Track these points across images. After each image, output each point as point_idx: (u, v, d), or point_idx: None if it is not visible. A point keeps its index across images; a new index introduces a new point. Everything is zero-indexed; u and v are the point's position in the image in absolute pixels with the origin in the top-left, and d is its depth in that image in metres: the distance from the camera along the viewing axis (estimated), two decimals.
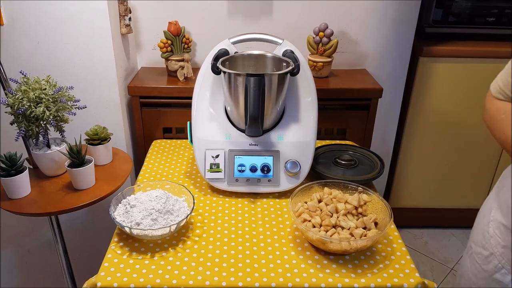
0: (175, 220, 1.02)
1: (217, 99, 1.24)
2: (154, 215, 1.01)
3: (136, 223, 0.99)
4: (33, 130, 1.15)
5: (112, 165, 1.34)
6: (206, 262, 0.96)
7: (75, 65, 1.43)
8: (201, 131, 1.23)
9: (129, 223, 1.00)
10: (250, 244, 1.02)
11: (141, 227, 0.99)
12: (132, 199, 1.07)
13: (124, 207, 1.05)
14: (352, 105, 1.63)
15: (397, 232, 1.08)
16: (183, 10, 1.65)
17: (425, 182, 2.12)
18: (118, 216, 1.03)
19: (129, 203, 1.05)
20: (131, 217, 1.02)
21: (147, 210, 1.02)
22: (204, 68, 1.24)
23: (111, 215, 1.01)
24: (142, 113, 1.58)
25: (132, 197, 1.08)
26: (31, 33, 1.37)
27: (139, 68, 1.76)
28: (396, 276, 0.93)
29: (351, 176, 1.25)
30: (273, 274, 0.92)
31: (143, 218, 1.00)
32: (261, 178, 1.19)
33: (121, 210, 1.05)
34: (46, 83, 1.17)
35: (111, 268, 0.94)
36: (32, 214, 1.13)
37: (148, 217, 1.01)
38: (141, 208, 1.03)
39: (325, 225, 0.99)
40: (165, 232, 1.00)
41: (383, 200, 1.05)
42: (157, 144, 1.52)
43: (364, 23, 1.72)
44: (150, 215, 1.01)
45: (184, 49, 1.64)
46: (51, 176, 1.26)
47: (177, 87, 1.56)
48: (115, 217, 1.01)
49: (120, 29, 1.50)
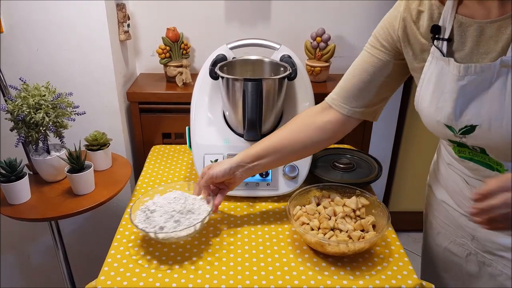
0: (197, 218, 1.00)
1: (216, 104, 1.25)
2: (176, 216, 0.99)
3: (160, 227, 0.97)
4: (32, 136, 1.16)
5: (111, 171, 1.35)
6: (205, 265, 0.96)
7: (74, 72, 1.44)
8: (199, 136, 1.23)
9: (152, 229, 0.97)
10: (249, 247, 1.02)
11: (165, 230, 0.96)
12: (151, 204, 1.04)
13: (144, 213, 1.02)
14: None
15: (395, 234, 1.08)
16: (181, 17, 1.67)
17: (424, 186, 2.13)
18: (140, 223, 0.99)
19: (148, 209, 1.02)
20: (153, 222, 0.99)
21: (168, 213, 1.00)
22: (202, 73, 1.25)
23: (133, 223, 0.98)
24: (141, 119, 1.59)
25: (151, 203, 1.05)
26: (30, 40, 1.38)
27: (138, 74, 1.77)
28: (394, 278, 0.93)
29: (349, 179, 1.26)
30: (272, 277, 0.93)
31: (166, 222, 0.98)
32: (260, 182, 1.20)
33: (142, 217, 1.01)
34: (45, 89, 1.18)
35: (111, 272, 0.94)
36: (32, 220, 1.14)
37: (171, 219, 0.98)
38: (162, 212, 1.01)
39: (323, 228, 1.00)
40: (190, 232, 0.98)
41: (380, 203, 1.06)
42: (156, 150, 1.52)
43: (361, 27, 1.74)
44: (172, 217, 0.99)
45: (182, 55, 1.65)
46: (51, 182, 1.27)
47: (175, 92, 1.57)
48: (137, 224, 0.98)
49: (118, 35, 1.51)
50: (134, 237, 1.05)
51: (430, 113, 0.84)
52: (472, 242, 0.96)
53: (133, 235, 1.06)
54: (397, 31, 0.87)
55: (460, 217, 0.97)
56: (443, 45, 0.79)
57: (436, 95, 0.82)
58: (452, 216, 1.00)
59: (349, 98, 0.97)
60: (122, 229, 1.08)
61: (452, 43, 0.79)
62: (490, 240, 0.91)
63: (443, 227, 1.05)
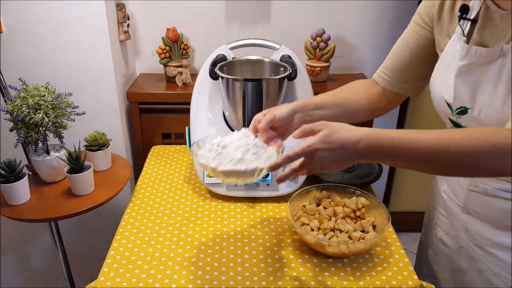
0: (272, 151, 0.89)
1: (216, 104, 1.25)
2: (253, 149, 0.86)
3: (239, 159, 0.84)
4: (32, 137, 1.16)
5: (111, 171, 1.34)
6: (205, 266, 0.96)
7: (74, 72, 1.44)
8: (199, 136, 1.22)
9: (229, 163, 0.84)
10: (249, 248, 1.02)
11: (246, 162, 0.84)
12: (219, 141, 0.89)
13: (214, 151, 0.87)
14: None
15: (395, 235, 1.08)
16: (181, 17, 1.66)
17: (425, 186, 2.13)
18: (213, 161, 0.85)
19: (218, 144, 0.88)
20: (228, 157, 0.85)
21: (242, 146, 0.86)
22: (202, 73, 1.25)
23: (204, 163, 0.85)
24: (141, 119, 1.58)
25: (218, 140, 0.90)
26: (30, 40, 1.38)
27: (137, 74, 1.77)
28: (395, 279, 0.93)
29: (349, 179, 1.26)
30: (272, 278, 0.93)
31: (244, 154, 0.85)
32: (260, 183, 1.19)
33: (212, 155, 0.86)
34: (45, 89, 1.18)
35: (111, 273, 0.94)
36: (31, 220, 1.14)
37: (247, 152, 0.86)
38: (236, 146, 0.87)
39: (323, 229, 0.99)
40: (270, 162, 0.84)
41: (380, 203, 1.06)
42: (156, 150, 1.52)
43: (361, 27, 1.73)
44: (248, 150, 0.86)
45: (182, 55, 1.65)
46: (50, 182, 1.26)
47: (175, 92, 1.57)
48: (209, 164, 0.85)
49: (118, 35, 1.51)
50: (133, 238, 1.05)
51: (439, 89, 0.87)
52: (466, 235, 0.97)
53: (132, 235, 1.06)
54: (436, 5, 0.88)
55: (456, 208, 0.98)
56: (467, 25, 0.81)
57: (446, 72, 0.84)
58: (449, 207, 1.01)
59: (392, 74, 0.99)
60: (121, 230, 1.08)
61: (476, 25, 0.80)
62: (480, 235, 0.92)
63: (440, 218, 1.06)
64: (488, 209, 0.89)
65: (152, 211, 1.16)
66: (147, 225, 1.10)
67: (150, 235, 1.06)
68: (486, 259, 0.92)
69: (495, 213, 0.88)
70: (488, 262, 0.92)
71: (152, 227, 1.09)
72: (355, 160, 0.76)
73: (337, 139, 0.73)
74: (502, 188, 0.85)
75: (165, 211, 1.16)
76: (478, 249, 0.94)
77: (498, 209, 0.86)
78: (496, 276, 0.90)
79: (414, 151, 0.72)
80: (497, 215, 0.87)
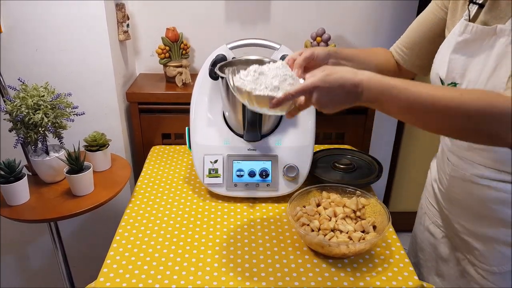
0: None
1: (215, 105, 1.25)
2: (290, 80, 0.85)
3: (275, 86, 0.83)
4: (31, 137, 1.16)
5: (110, 171, 1.34)
6: (205, 267, 0.96)
7: (73, 72, 1.44)
8: (199, 137, 1.23)
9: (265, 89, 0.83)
10: (249, 248, 1.02)
11: (281, 90, 0.83)
12: (256, 68, 0.88)
13: (252, 76, 0.86)
14: (350, 109, 1.63)
15: (395, 235, 1.08)
16: (181, 16, 1.66)
17: None
18: (249, 85, 0.84)
19: (255, 71, 0.87)
20: (264, 83, 0.84)
21: (279, 76, 0.85)
22: (202, 73, 1.25)
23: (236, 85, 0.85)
24: (141, 119, 1.58)
25: (255, 67, 0.88)
26: (29, 40, 1.37)
27: (137, 74, 1.76)
28: (395, 279, 0.93)
29: (349, 180, 1.26)
30: (272, 278, 0.92)
31: (281, 83, 0.83)
32: (260, 183, 1.19)
33: (249, 79, 0.85)
34: (44, 90, 1.18)
35: (110, 273, 0.94)
36: (31, 221, 1.14)
37: (284, 82, 0.84)
38: (273, 74, 0.85)
39: (323, 229, 0.99)
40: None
41: (381, 204, 1.06)
42: (156, 150, 1.52)
43: (361, 27, 1.73)
44: (285, 80, 0.84)
45: (182, 55, 1.65)
46: (50, 183, 1.26)
47: (175, 93, 1.56)
48: (245, 87, 0.84)
49: (118, 35, 1.51)
50: (133, 238, 1.05)
51: (436, 66, 0.91)
52: (448, 224, 1.00)
53: (132, 236, 1.06)
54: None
55: (442, 196, 1.01)
56: (474, 9, 0.84)
57: (446, 51, 0.88)
58: (437, 196, 1.04)
59: (406, 50, 1.04)
60: (121, 231, 1.08)
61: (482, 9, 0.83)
62: (459, 223, 0.95)
63: (429, 207, 1.10)
64: (466, 196, 0.92)
65: (152, 211, 1.16)
66: (146, 226, 1.10)
67: (150, 236, 1.06)
68: (464, 249, 0.95)
69: (472, 201, 0.91)
70: (465, 251, 0.95)
71: (151, 227, 1.09)
72: (352, 102, 0.77)
73: (337, 79, 0.75)
74: (479, 175, 0.87)
75: (165, 211, 1.16)
76: (458, 239, 0.97)
77: (475, 196, 0.89)
78: (470, 265, 0.94)
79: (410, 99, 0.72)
80: (474, 203, 0.90)
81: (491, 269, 0.89)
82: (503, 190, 0.84)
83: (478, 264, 0.91)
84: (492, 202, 0.86)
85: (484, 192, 0.87)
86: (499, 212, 0.86)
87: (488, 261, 0.89)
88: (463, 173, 0.91)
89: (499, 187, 0.85)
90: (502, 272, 0.87)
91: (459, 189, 0.93)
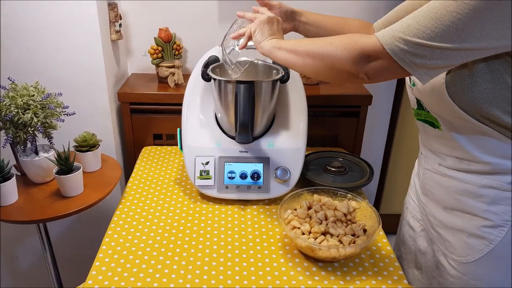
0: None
1: (208, 106, 1.24)
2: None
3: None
4: (20, 137, 1.14)
5: (101, 172, 1.33)
6: (195, 270, 0.95)
7: (64, 71, 1.42)
8: (191, 138, 1.22)
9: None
10: (239, 251, 1.02)
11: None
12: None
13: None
14: (342, 112, 1.64)
15: (385, 239, 1.08)
16: (174, 17, 1.65)
17: None
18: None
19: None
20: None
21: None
22: (194, 74, 1.24)
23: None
24: (132, 120, 1.57)
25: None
26: (20, 39, 1.36)
27: (129, 74, 1.75)
28: (384, 283, 0.93)
29: (340, 183, 1.26)
30: (262, 282, 0.92)
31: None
32: (251, 185, 1.19)
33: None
34: (34, 89, 1.16)
35: (99, 276, 0.93)
36: (19, 222, 1.12)
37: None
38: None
39: (314, 232, 0.99)
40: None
41: (371, 207, 1.06)
42: (147, 151, 1.51)
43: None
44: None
45: (174, 55, 1.64)
46: (39, 183, 1.25)
47: (167, 93, 1.55)
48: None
49: (110, 35, 1.49)
50: (123, 240, 1.04)
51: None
52: (425, 217, 1.03)
53: (121, 238, 1.05)
54: None
55: (419, 189, 1.05)
56: None
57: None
58: (416, 190, 1.07)
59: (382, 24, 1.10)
60: (110, 232, 1.07)
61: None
62: (433, 215, 0.98)
63: (409, 202, 1.12)
64: (436, 187, 0.95)
65: (142, 213, 1.15)
66: (136, 227, 1.09)
67: (140, 238, 1.05)
68: (438, 240, 0.97)
69: (442, 192, 0.93)
70: (439, 242, 0.96)
71: (142, 229, 1.08)
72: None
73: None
74: (444, 165, 0.90)
75: (155, 213, 1.15)
76: (433, 231, 0.99)
77: (444, 188, 0.92)
78: (443, 256, 0.95)
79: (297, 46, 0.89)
80: (443, 194, 0.93)
81: (459, 259, 0.90)
82: (468, 181, 0.86)
83: (449, 255, 0.93)
84: (458, 193, 0.89)
85: (451, 183, 0.90)
86: (464, 204, 0.88)
87: (457, 251, 0.91)
88: (433, 165, 0.94)
89: (465, 179, 0.87)
90: (470, 261, 0.89)
91: (431, 181, 0.96)
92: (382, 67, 0.76)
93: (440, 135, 0.89)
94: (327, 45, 0.83)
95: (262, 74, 1.26)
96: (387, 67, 0.76)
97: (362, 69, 0.78)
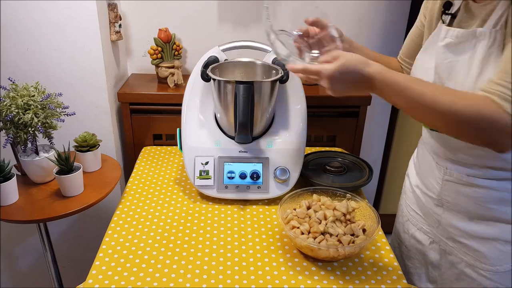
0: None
1: (207, 106, 1.25)
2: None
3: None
4: (21, 137, 1.15)
5: (101, 172, 1.33)
6: (194, 269, 0.96)
7: (64, 72, 1.43)
8: (190, 138, 1.23)
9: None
10: (238, 251, 1.02)
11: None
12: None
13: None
14: (342, 112, 1.65)
15: (385, 238, 1.09)
16: (173, 17, 1.66)
17: None
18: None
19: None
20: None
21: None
22: (194, 75, 1.25)
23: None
24: (132, 120, 1.58)
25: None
26: (20, 39, 1.36)
27: (129, 74, 1.76)
28: (384, 283, 0.94)
29: (340, 183, 1.26)
30: (261, 281, 0.93)
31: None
32: (251, 185, 1.19)
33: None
34: (34, 89, 1.17)
35: (99, 275, 0.93)
36: (19, 222, 1.12)
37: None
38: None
39: (313, 232, 0.99)
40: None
41: (371, 207, 1.06)
42: (147, 151, 1.51)
43: (353, 30, 1.74)
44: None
45: (174, 56, 1.64)
46: (39, 183, 1.25)
47: (167, 93, 1.56)
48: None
49: (110, 35, 1.50)
50: (123, 240, 1.05)
51: (419, 73, 0.95)
52: (438, 229, 1.01)
53: (121, 238, 1.05)
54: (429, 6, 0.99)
55: (430, 202, 1.03)
56: (447, 18, 0.90)
57: (426, 58, 0.94)
58: (422, 202, 1.06)
59: (403, 55, 1.13)
60: (110, 232, 1.07)
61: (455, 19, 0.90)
62: (453, 226, 0.96)
63: (412, 215, 1.11)
64: (461, 198, 0.93)
65: (142, 213, 1.15)
66: (136, 227, 1.09)
67: (140, 237, 1.06)
68: (459, 251, 0.96)
69: (469, 203, 0.92)
70: (462, 253, 0.95)
71: (141, 229, 1.09)
72: (361, 91, 0.87)
73: (350, 70, 0.83)
74: (474, 174, 0.89)
75: (155, 213, 1.16)
76: (451, 242, 0.98)
77: (471, 198, 0.91)
78: (470, 267, 0.94)
79: (412, 97, 0.79)
80: (470, 204, 0.92)
81: (494, 269, 0.90)
82: (498, 188, 0.86)
83: (480, 265, 0.92)
84: (490, 202, 0.88)
85: (481, 193, 0.89)
86: (498, 212, 0.88)
87: (490, 261, 0.90)
88: (459, 175, 0.92)
89: (498, 187, 0.86)
90: (507, 270, 0.89)
91: (453, 192, 0.94)
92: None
93: (470, 146, 0.86)
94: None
95: (261, 74, 1.27)
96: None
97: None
